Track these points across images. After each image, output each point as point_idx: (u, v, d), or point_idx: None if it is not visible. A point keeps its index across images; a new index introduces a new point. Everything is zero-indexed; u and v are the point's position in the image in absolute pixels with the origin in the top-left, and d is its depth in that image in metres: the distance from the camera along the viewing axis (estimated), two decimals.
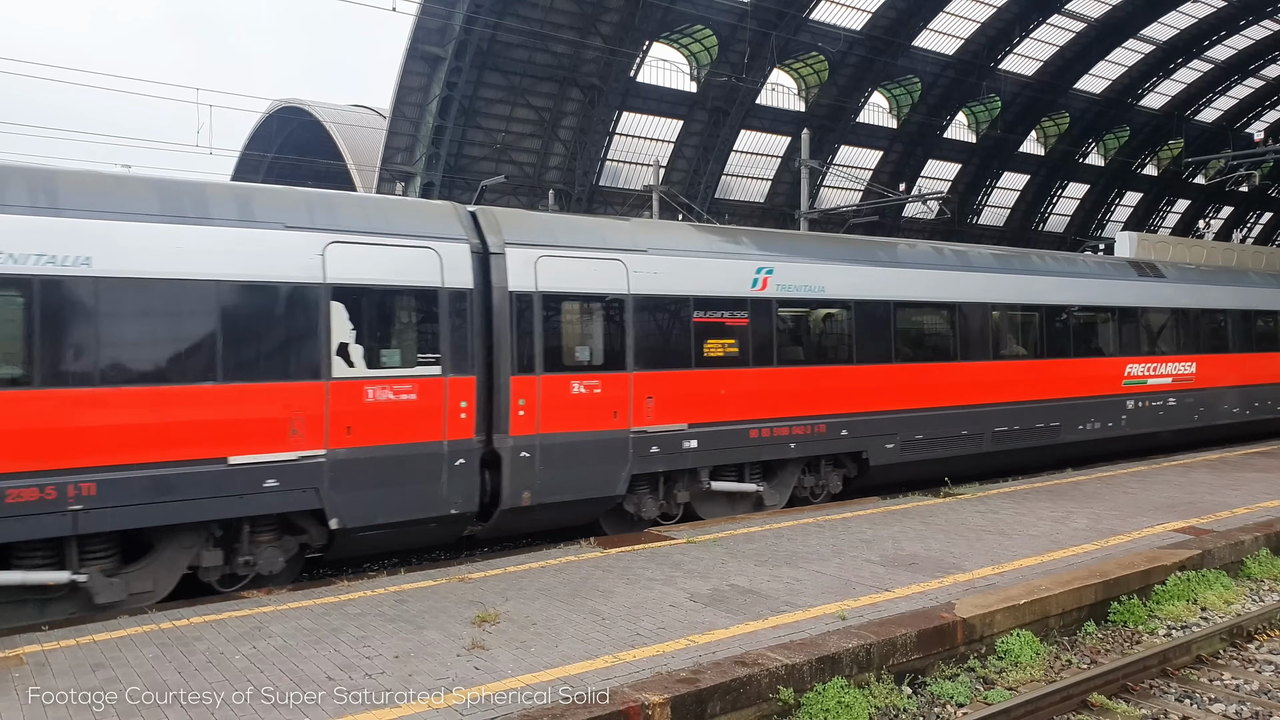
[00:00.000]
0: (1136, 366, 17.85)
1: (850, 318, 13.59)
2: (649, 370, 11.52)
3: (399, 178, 30.86)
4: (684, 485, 12.17)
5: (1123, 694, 7.15)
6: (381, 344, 9.75)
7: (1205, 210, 56.96)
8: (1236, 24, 41.38)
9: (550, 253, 10.92)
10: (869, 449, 13.67)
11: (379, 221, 9.93)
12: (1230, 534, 10.70)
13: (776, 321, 12.73)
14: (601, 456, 11.11)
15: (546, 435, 10.62)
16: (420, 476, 9.80)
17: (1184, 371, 18.78)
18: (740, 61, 33.72)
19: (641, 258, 11.63)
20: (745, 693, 6.31)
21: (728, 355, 12.16)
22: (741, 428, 12.26)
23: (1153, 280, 18.73)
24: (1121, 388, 17.51)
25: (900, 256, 14.91)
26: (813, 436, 13.00)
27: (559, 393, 10.78)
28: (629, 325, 11.39)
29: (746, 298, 12.43)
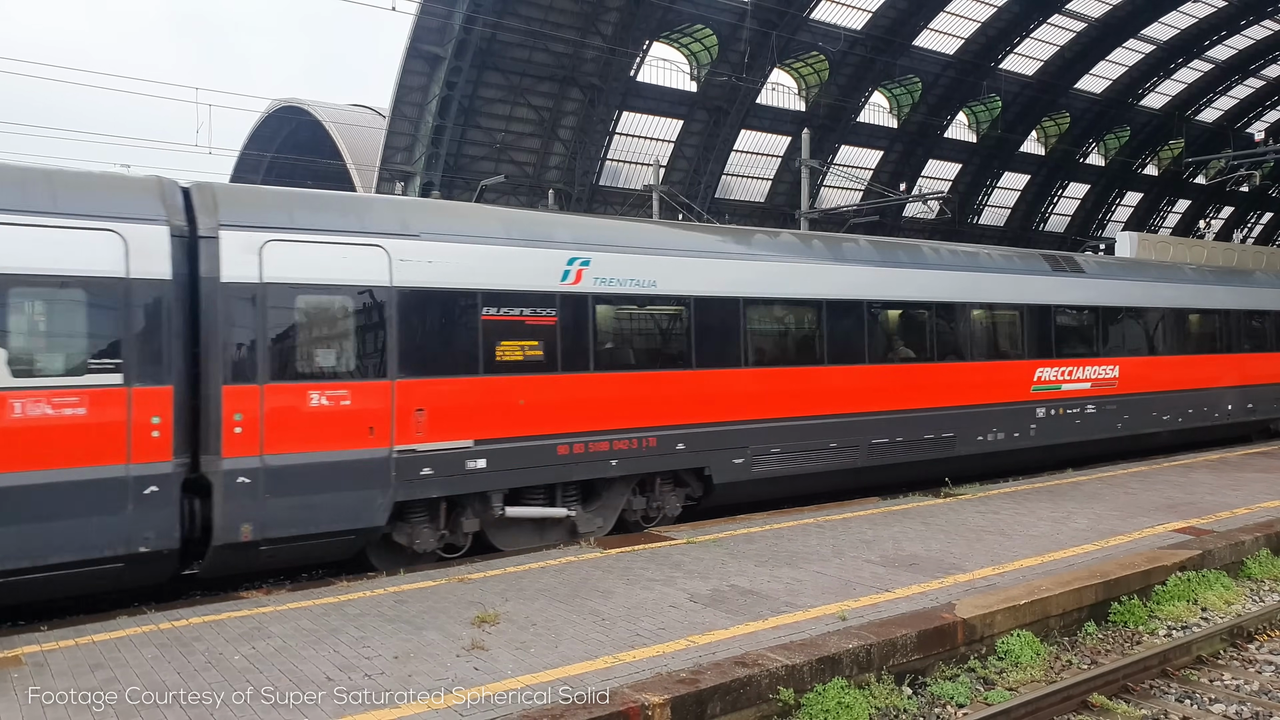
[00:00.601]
0: (1048, 370, 16.17)
1: (689, 316, 11.93)
2: (420, 378, 9.79)
3: (399, 177, 30.87)
4: (473, 512, 10.46)
5: (1123, 694, 7.15)
6: (36, 347, 8.20)
7: (1206, 210, 56.98)
8: (1237, 24, 41.39)
9: (284, 237, 9.19)
10: (713, 465, 12.04)
11: (40, 198, 8.24)
12: (1230, 534, 10.69)
13: (594, 320, 11.08)
14: (352, 481, 9.36)
15: (274, 456, 8.91)
16: (94, 508, 8.13)
17: (1106, 376, 17.16)
18: (740, 61, 33.73)
19: (412, 244, 9.92)
20: (745, 693, 6.30)
21: (529, 360, 10.53)
22: (547, 443, 10.61)
23: (1069, 276, 17.11)
24: (1030, 394, 15.88)
25: (755, 247, 13.23)
26: (641, 452, 11.36)
27: (292, 405, 9.05)
28: (392, 324, 9.66)
29: (555, 293, 10.78)
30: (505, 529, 10.83)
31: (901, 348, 14.45)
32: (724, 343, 12.27)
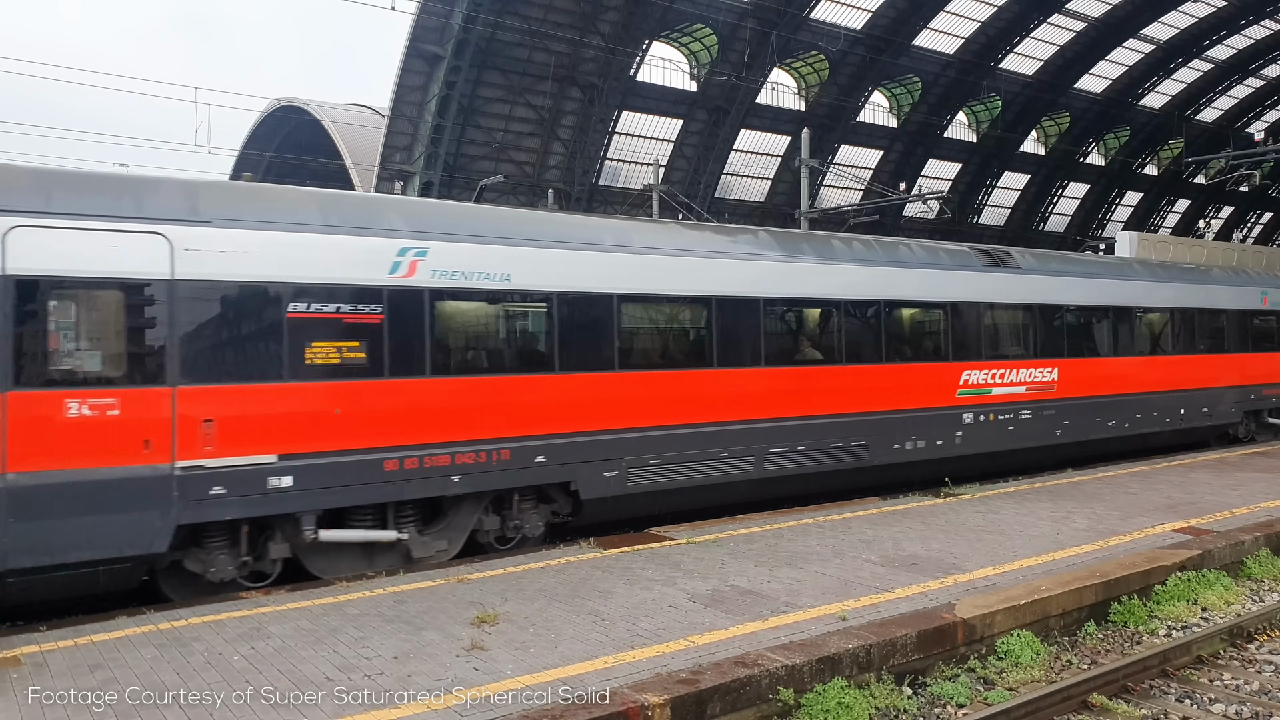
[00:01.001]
0: (977, 373, 14.98)
1: (552, 315, 10.79)
2: (208, 384, 8.64)
3: (398, 177, 30.86)
4: (282, 535, 9.27)
5: (1123, 694, 7.15)
6: None
7: (1206, 210, 56.98)
8: (1237, 24, 41.40)
9: (37, 222, 8.05)
10: (580, 479, 10.89)
11: None
12: (1230, 534, 10.69)
13: (432, 319, 9.93)
14: (123, 502, 8.20)
15: (21, 475, 7.75)
16: None
17: (1043, 379, 15.99)
18: (740, 60, 33.72)
19: (201, 231, 8.73)
20: (745, 693, 6.29)
21: (349, 363, 9.34)
22: (370, 458, 9.40)
23: (1001, 272, 15.93)
24: (956, 399, 14.70)
25: (634, 239, 12.00)
26: (490, 466, 10.18)
27: (44, 416, 7.92)
28: (173, 323, 8.50)
29: (382, 287, 9.58)
30: (324, 554, 9.62)
31: (807, 349, 13.40)
32: (594, 344, 11.16)
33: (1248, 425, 20.57)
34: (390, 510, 9.82)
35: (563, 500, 11.13)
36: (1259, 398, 20.55)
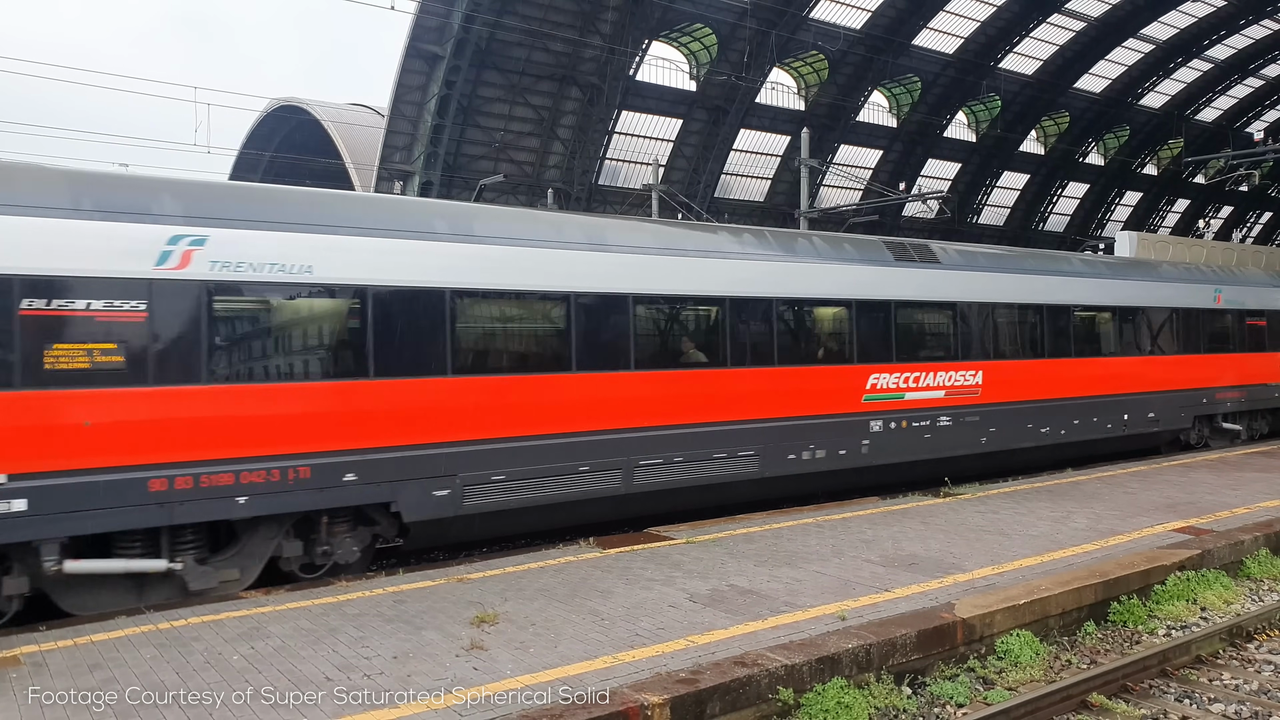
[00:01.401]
0: (887, 377, 13.84)
1: (365, 313, 9.56)
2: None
3: (398, 177, 30.85)
4: (21, 567, 8.12)
5: (1122, 694, 7.15)
6: None
7: (1205, 210, 57.00)
8: (1236, 23, 41.40)
9: None
10: (403, 499, 9.67)
11: None
12: (1230, 534, 10.70)
13: (210, 317, 8.71)
14: None
15: None
16: None
17: (965, 382, 14.86)
18: (740, 60, 33.72)
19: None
20: (745, 693, 6.30)
21: (103, 368, 8.16)
22: (131, 477, 8.21)
23: (918, 267, 14.71)
24: (863, 404, 13.55)
25: (474, 228, 10.71)
26: (286, 485, 8.95)
27: None
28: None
29: (146, 280, 8.38)
30: (80, 588, 8.41)
31: (690, 351, 12.27)
32: (419, 345, 9.92)
33: (1200, 431, 19.42)
34: (165, 536, 8.64)
35: (385, 522, 9.98)
36: (1211, 402, 19.32)
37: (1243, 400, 19.95)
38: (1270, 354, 20.90)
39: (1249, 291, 20.86)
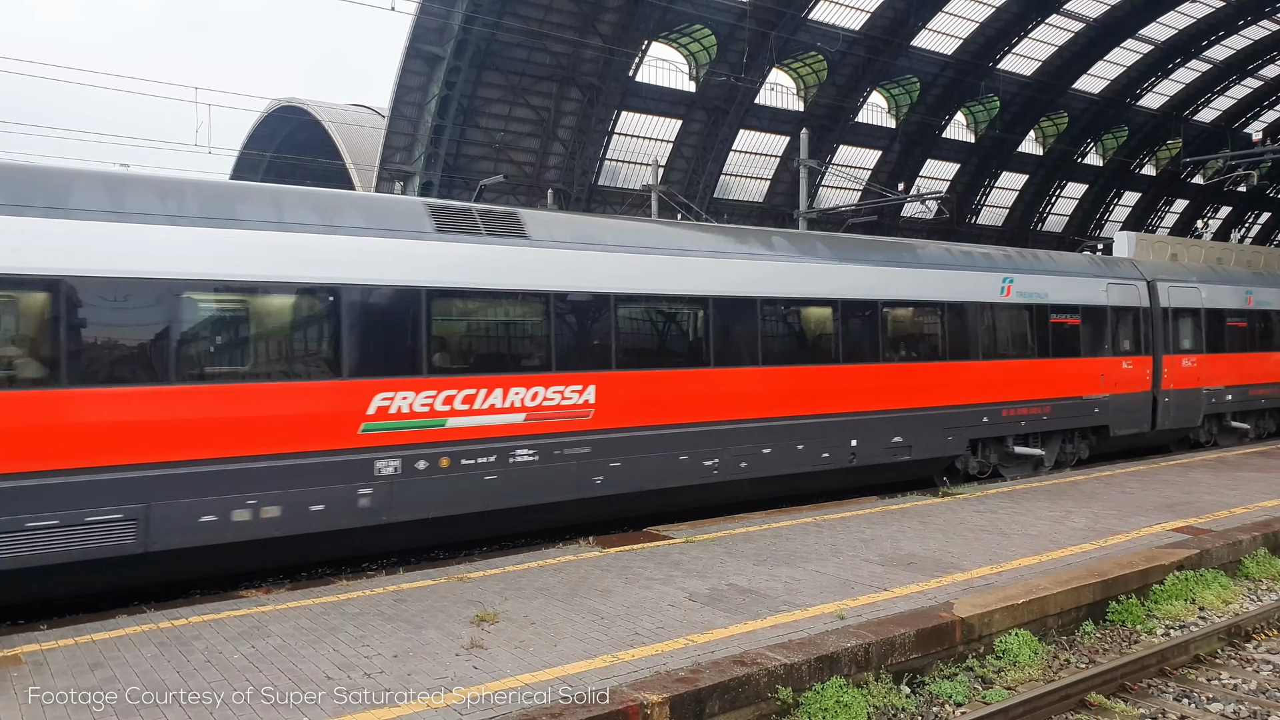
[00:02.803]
0: (406, 397, 9.88)
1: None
2: None
3: (398, 177, 30.87)
4: None
5: (1121, 693, 7.16)
6: None
7: (1204, 210, 57.04)
8: (1235, 24, 41.44)
9: None
10: None
11: None
12: (1228, 534, 10.71)
13: None
14: None
15: None
16: None
17: (564, 401, 11.01)
18: (739, 61, 33.74)
19: None
20: (744, 692, 6.31)
21: None
22: None
23: (476, 242, 10.72)
24: (359, 437, 9.57)
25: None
26: None
27: None
28: None
29: None
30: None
31: None
32: None
33: (983, 458, 15.64)
34: None
35: None
36: (996, 421, 15.39)
37: (1045, 418, 16.06)
38: (1087, 359, 16.87)
39: (1057, 282, 16.78)
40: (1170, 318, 18.62)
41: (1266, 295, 21.51)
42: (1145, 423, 17.92)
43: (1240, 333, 20.40)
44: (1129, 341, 17.73)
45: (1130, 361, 17.66)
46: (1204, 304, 19.50)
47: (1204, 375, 19.20)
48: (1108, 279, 17.63)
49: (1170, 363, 18.45)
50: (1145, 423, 17.92)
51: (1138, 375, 17.76)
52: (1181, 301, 19.06)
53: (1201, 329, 19.34)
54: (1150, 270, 18.84)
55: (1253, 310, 20.81)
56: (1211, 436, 20.26)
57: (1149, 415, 18.00)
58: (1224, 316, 19.98)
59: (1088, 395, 16.78)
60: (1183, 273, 19.76)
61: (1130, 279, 18.16)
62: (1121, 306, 17.66)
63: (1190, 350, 19.04)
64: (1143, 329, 18.01)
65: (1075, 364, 16.67)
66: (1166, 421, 18.26)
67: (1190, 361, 18.95)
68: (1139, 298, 18.07)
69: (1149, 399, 18.00)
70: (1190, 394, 18.89)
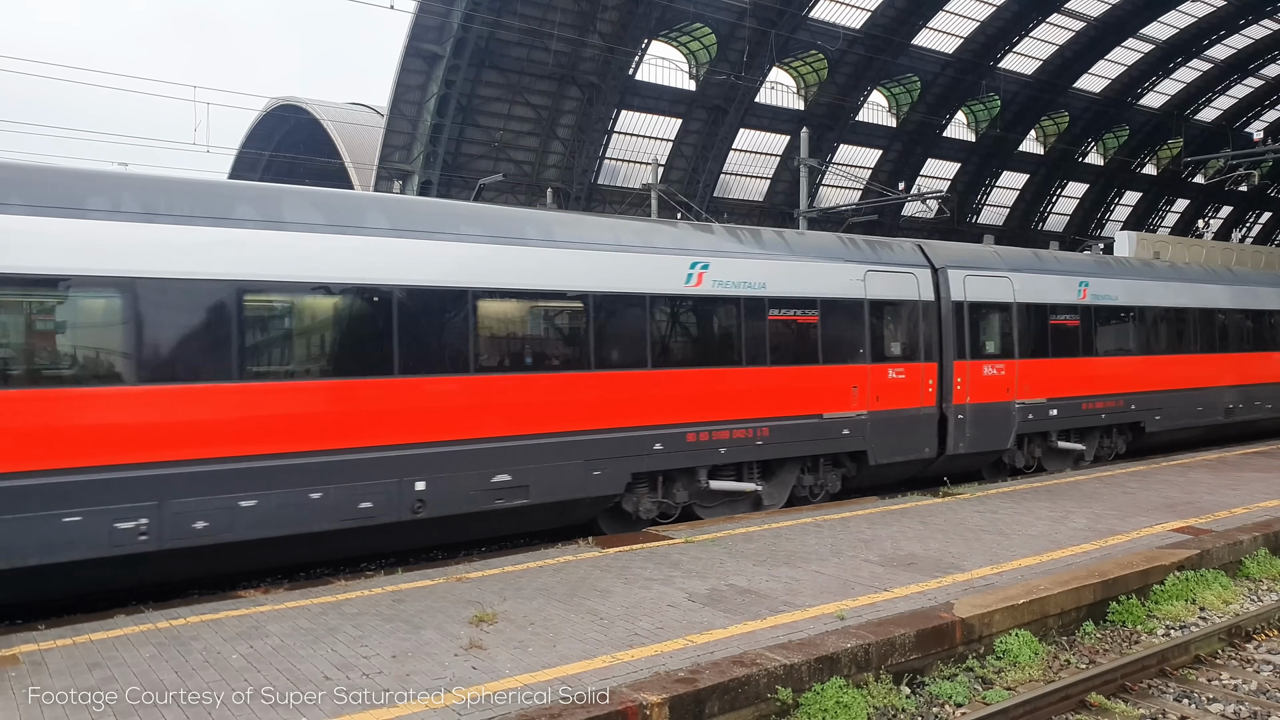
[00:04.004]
0: None
1: None
2: None
3: (397, 176, 30.83)
4: None
5: (1121, 694, 7.15)
6: None
7: (1205, 210, 57.01)
8: (1236, 23, 41.40)
9: None
10: None
11: None
12: (1229, 534, 10.70)
13: None
14: None
15: None
16: None
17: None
18: (739, 60, 33.71)
19: None
20: (743, 693, 6.30)
21: None
22: None
23: None
24: None
25: None
26: None
27: None
28: None
29: None
30: None
31: None
32: None
33: (665, 497, 12.26)
34: None
35: None
36: (678, 448, 11.92)
37: (762, 442, 12.65)
38: (830, 367, 13.32)
39: (782, 268, 13.16)
40: (967, 314, 15.06)
41: (1108, 287, 17.62)
42: (926, 445, 14.48)
43: (1071, 333, 16.74)
44: (901, 344, 14.26)
45: (902, 369, 14.12)
46: (1017, 297, 15.76)
47: (1017, 385, 15.54)
48: (867, 265, 14.04)
49: (966, 370, 14.87)
50: (926, 445, 14.48)
51: (913, 386, 14.26)
52: (984, 294, 15.37)
53: (1013, 328, 15.68)
54: (941, 256, 15.28)
55: (1089, 305, 17.06)
56: (1033, 460, 16.60)
57: (933, 436, 14.60)
58: (1047, 313, 16.33)
59: (832, 413, 13.30)
60: (988, 259, 16.14)
61: (904, 266, 14.59)
62: (888, 300, 14.14)
63: (997, 355, 15.44)
64: (923, 328, 14.49)
65: (810, 374, 13.14)
66: (961, 443, 14.80)
67: (997, 369, 15.33)
68: (917, 289, 14.55)
69: (933, 416, 14.56)
70: (996, 409, 15.28)
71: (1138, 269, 19.04)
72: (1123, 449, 18.14)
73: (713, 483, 12.46)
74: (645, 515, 12.13)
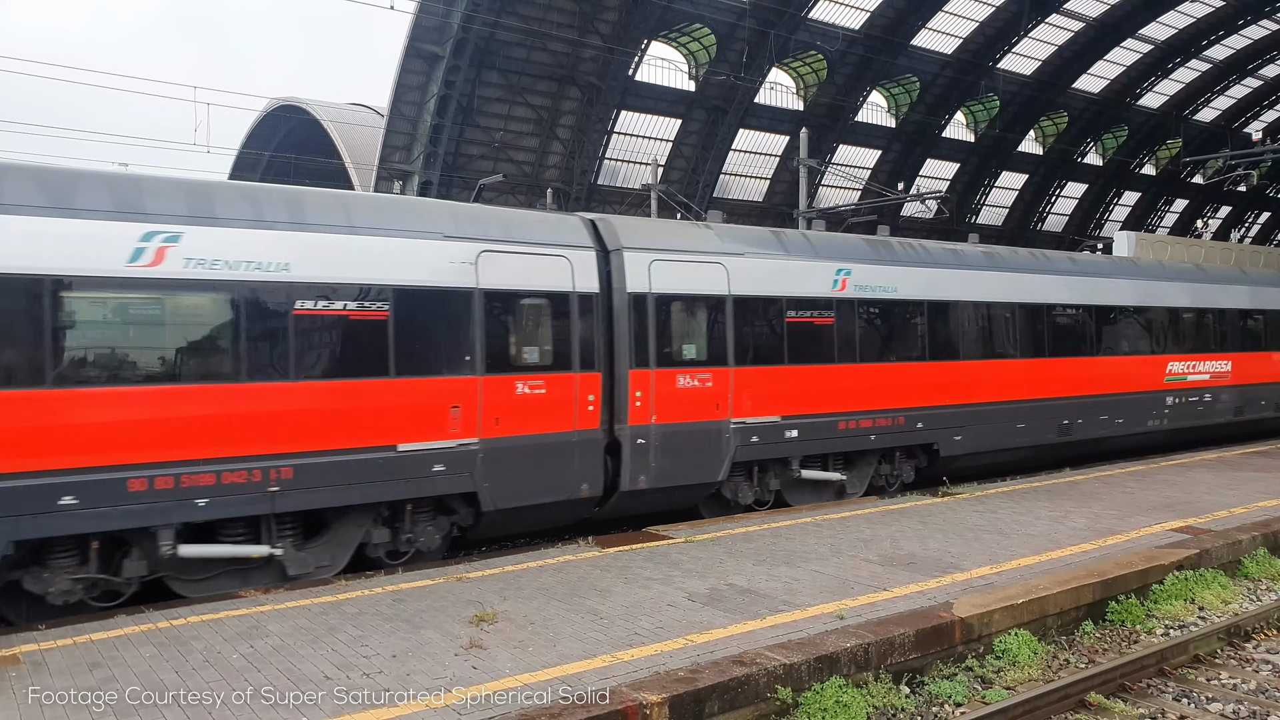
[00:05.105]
0: None
1: None
2: None
3: (397, 176, 30.84)
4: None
5: (1121, 693, 7.16)
6: None
7: (1204, 210, 57.02)
8: (1235, 24, 41.41)
9: None
10: None
11: None
12: (1228, 533, 10.72)
13: None
14: None
15: None
16: None
17: None
18: (739, 60, 33.73)
19: None
20: (743, 692, 6.31)
21: None
22: None
23: None
24: None
25: None
26: None
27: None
28: None
29: None
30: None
31: None
32: None
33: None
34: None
35: None
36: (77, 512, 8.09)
37: (288, 491, 9.14)
38: (402, 381, 9.84)
39: (313, 244, 9.45)
40: (653, 310, 11.69)
41: (881, 277, 14.09)
42: (584, 481, 11.04)
43: (821, 334, 13.35)
44: (541, 349, 10.94)
45: (542, 382, 10.74)
46: (734, 289, 12.42)
47: (733, 400, 12.25)
48: (482, 244, 10.43)
49: (650, 382, 11.55)
50: (584, 481, 11.04)
51: (561, 403, 10.86)
52: (682, 284, 12.04)
53: (728, 328, 12.31)
54: (620, 235, 11.81)
55: (851, 299, 13.65)
56: (765, 495, 13.10)
57: (595, 469, 11.18)
58: (783, 309, 12.91)
59: (413, 444, 9.83)
60: (695, 241, 12.66)
61: (548, 246, 11.07)
62: (517, 291, 10.73)
63: (701, 361, 12.10)
64: (580, 328, 11.12)
65: (369, 390, 9.60)
66: (643, 476, 11.46)
67: (700, 379, 12.01)
68: (571, 278, 11.09)
69: (595, 442, 11.17)
70: (698, 431, 11.97)
71: (933, 255, 15.37)
72: (910, 477, 14.61)
73: (185, 549, 8.75)
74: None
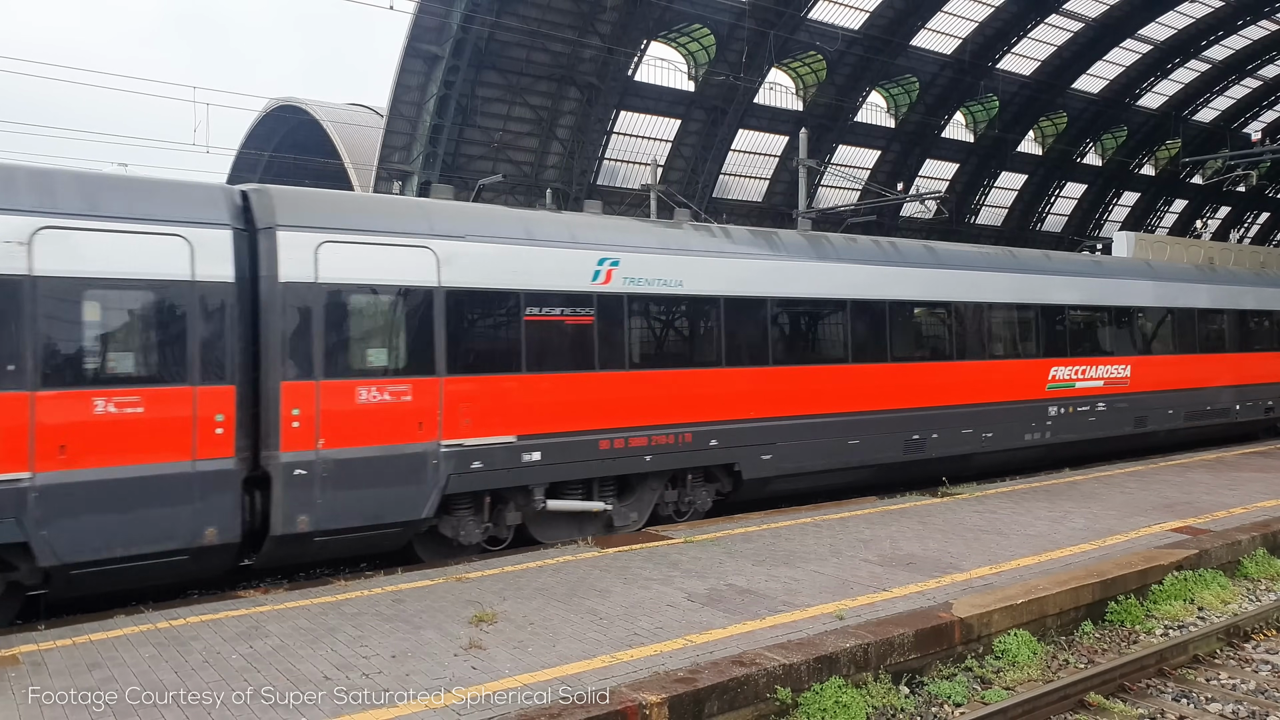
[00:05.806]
0: None
1: None
2: None
3: (396, 176, 30.83)
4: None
5: (1120, 693, 7.17)
6: None
7: (1203, 210, 57.04)
8: (1234, 24, 41.43)
9: None
10: None
11: None
12: (1227, 534, 10.72)
13: None
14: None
15: None
16: None
17: None
18: (738, 61, 33.72)
19: None
20: (743, 692, 6.31)
21: None
22: None
23: None
24: None
25: None
26: None
27: None
28: None
29: None
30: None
31: None
32: None
33: None
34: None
35: None
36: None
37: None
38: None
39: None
40: (324, 305, 9.44)
41: (662, 268, 11.98)
42: (205, 526, 8.67)
43: (575, 335, 11.20)
44: (139, 356, 8.63)
45: (131, 399, 8.37)
46: (446, 279, 10.16)
47: (444, 417, 10.02)
48: (43, 217, 8.08)
49: (316, 396, 9.28)
50: (205, 526, 8.67)
51: (166, 427, 8.50)
52: (366, 273, 9.77)
53: (437, 327, 10.09)
54: (282, 209, 9.47)
55: (617, 294, 11.50)
56: (501, 532, 10.90)
57: (222, 510, 8.77)
58: (520, 304, 10.73)
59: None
60: (394, 219, 10.30)
61: (157, 221, 8.68)
62: (95, 279, 8.35)
63: (395, 370, 9.87)
64: (203, 328, 8.77)
65: None
66: (303, 517, 9.13)
67: (392, 392, 9.74)
68: (190, 262, 8.74)
69: (223, 475, 8.79)
70: (389, 457, 9.67)
71: (736, 243, 13.08)
72: (707, 505, 12.57)
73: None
74: None
